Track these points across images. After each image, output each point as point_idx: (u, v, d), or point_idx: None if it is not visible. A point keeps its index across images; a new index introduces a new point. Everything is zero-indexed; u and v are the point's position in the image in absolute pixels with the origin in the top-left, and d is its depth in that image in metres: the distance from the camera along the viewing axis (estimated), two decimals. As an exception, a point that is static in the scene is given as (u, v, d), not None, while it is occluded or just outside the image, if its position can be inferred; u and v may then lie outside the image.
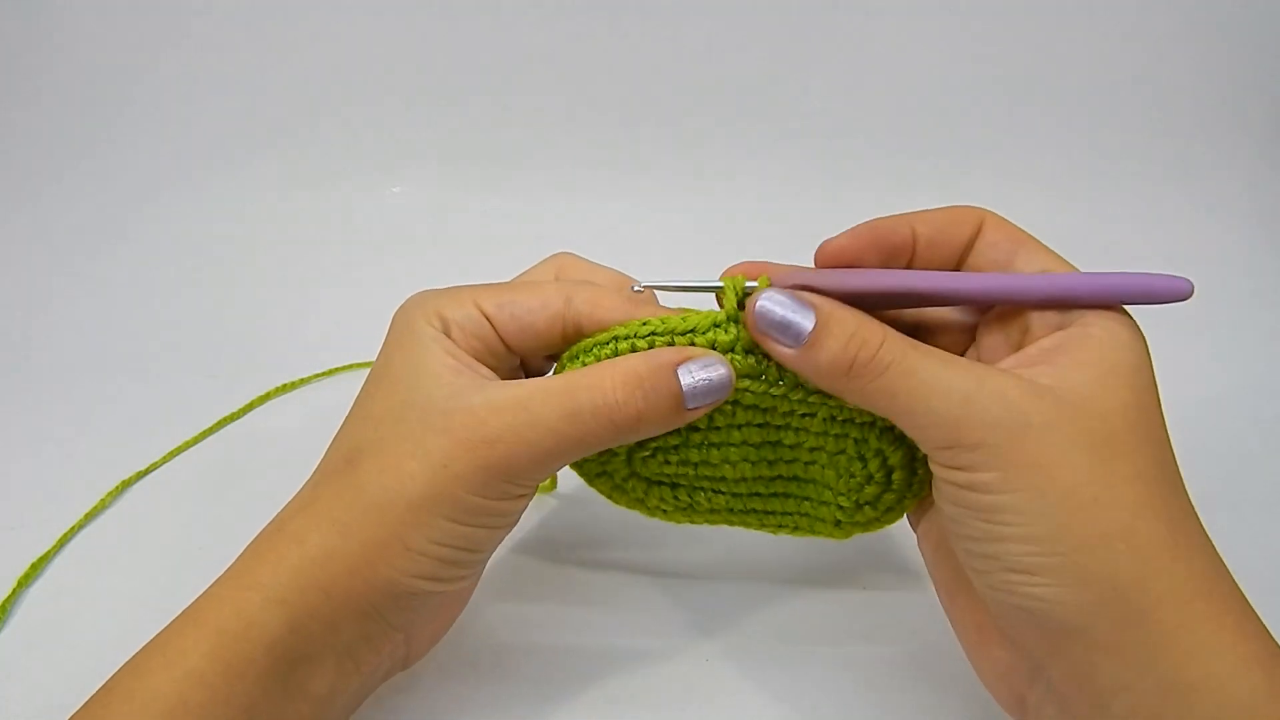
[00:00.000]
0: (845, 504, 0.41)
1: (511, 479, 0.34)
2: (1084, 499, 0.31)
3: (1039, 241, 0.36)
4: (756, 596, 0.49)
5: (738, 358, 0.36)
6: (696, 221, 0.83)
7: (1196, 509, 0.33)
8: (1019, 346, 0.35)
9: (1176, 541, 0.31)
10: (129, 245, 0.80)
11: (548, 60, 0.82)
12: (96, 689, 0.33)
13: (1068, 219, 0.81)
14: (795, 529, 0.43)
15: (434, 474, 0.34)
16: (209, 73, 0.83)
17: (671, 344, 0.36)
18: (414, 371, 0.36)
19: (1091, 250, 0.80)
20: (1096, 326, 0.33)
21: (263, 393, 0.63)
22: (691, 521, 0.44)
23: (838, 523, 0.42)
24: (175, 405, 0.63)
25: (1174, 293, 0.33)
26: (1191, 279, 0.34)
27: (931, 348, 0.33)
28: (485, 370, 0.37)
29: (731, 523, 0.44)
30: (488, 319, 0.37)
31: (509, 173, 0.85)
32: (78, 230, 0.81)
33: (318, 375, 0.65)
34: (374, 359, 0.38)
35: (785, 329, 0.33)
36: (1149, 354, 0.33)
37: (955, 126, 0.83)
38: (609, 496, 0.44)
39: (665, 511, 0.44)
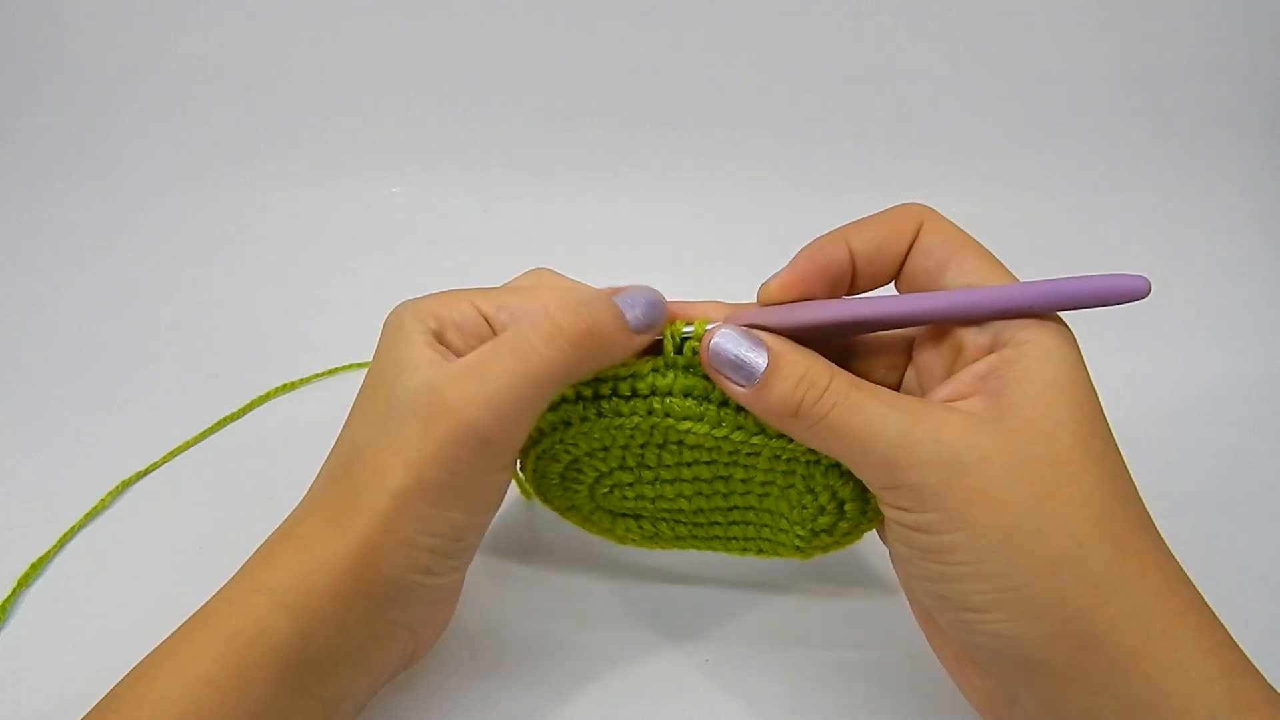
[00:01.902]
0: (802, 532, 0.41)
1: (483, 443, 0.34)
2: (1028, 531, 0.30)
3: (976, 244, 0.35)
4: (754, 600, 0.49)
5: (676, 400, 0.36)
6: (694, 223, 0.83)
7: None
8: (952, 366, 0.35)
9: (1126, 561, 0.30)
10: (129, 245, 0.80)
11: (547, 61, 0.82)
12: (103, 695, 0.33)
13: (1067, 220, 0.81)
14: (760, 552, 0.44)
15: (410, 461, 0.34)
16: (209, 72, 0.83)
17: (615, 387, 0.37)
18: (397, 369, 0.36)
19: (1091, 251, 0.80)
20: (1030, 344, 0.32)
21: (263, 393, 0.63)
22: (661, 547, 0.45)
23: (798, 548, 0.42)
24: (175, 405, 0.63)
25: (1131, 292, 0.30)
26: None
27: (877, 387, 0.33)
28: None
29: (699, 548, 0.45)
30: (486, 320, 0.38)
31: (508, 173, 0.85)
32: (77, 230, 0.81)
33: (318, 375, 0.65)
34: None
35: (738, 368, 0.34)
36: (1083, 360, 0.32)
37: (952, 128, 0.83)
38: (582, 527, 0.45)
39: (634, 540, 0.45)
